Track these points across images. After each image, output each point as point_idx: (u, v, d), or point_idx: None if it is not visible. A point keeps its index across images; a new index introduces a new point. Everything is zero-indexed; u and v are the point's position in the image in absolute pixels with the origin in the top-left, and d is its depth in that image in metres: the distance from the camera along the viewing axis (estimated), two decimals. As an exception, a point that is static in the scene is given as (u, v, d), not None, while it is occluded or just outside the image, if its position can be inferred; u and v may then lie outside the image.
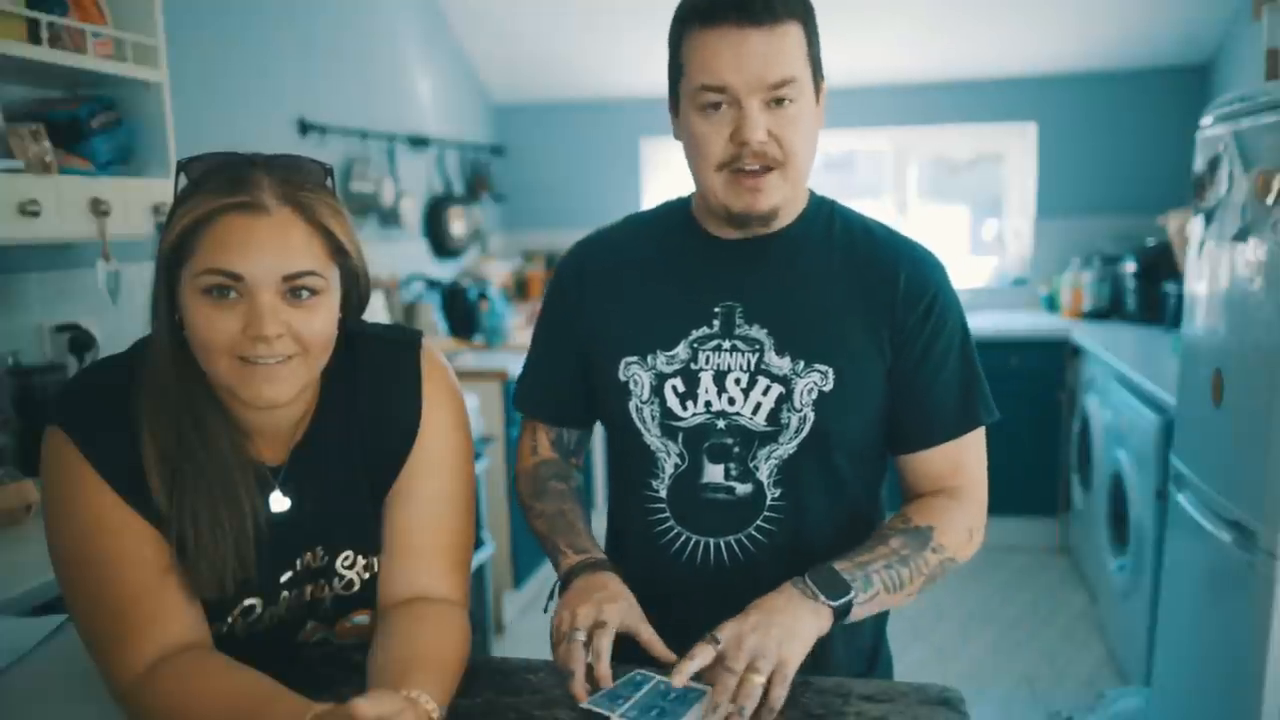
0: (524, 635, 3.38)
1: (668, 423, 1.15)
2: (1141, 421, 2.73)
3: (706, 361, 1.13)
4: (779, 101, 1.05)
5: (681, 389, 1.14)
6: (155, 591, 0.94)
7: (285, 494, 1.03)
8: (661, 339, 1.15)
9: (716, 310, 1.15)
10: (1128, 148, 4.30)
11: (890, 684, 1.04)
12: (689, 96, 1.08)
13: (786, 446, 1.12)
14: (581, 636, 0.98)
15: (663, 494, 1.17)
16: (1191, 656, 2.17)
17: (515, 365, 3.43)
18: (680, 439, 1.15)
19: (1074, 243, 4.40)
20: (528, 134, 4.87)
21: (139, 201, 1.96)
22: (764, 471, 1.13)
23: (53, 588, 1.39)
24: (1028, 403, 3.89)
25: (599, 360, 1.20)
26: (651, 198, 4.86)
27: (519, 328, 4.26)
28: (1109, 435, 3.15)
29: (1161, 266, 3.88)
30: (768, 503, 1.14)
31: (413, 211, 3.88)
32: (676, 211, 1.23)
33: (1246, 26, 3.61)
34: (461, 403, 1.13)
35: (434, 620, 1.02)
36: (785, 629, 0.96)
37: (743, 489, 1.14)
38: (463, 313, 3.86)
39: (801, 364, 1.12)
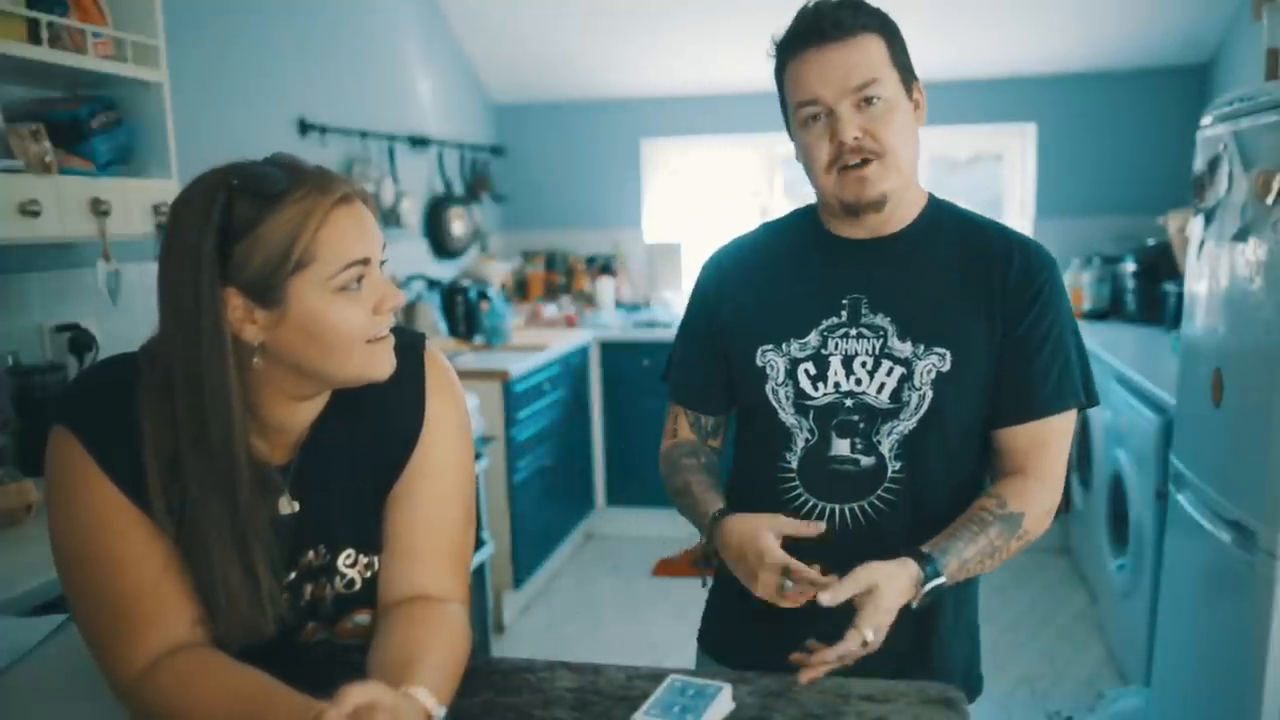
0: (524, 635, 3.37)
1: (801, 402, 1.27)
2: (1141, 421, 2.73)
3: (835, 347, 1.26)
4: (868, 101, 1.20)
5: (813, 372, 1.27)
6: (158, 590, 0.95)
7: (292, 495, 1.04)
8: (795, 328, 1.28)
9: (844, 302, 1.27)
10: (1127, 148, 4.29)
11: (890, 684, 1.04)
12: (794, 116, 1.25)
13: (907, 423, 1.24)
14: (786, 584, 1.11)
15: (794, 465, 1.28)
16: (1191, 656, 2.17)
17: (515, 365, 3.44)
18: (811, 416, 1.27)
19: (1074, 243, 4.40)
20: (528, 134, 4.87)
21: (139, 201, 1.96)
22: (886, 445, 1.25)
23: (53, 588, 1.39)
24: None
25: (737, 349, 1.33)
26: (652, 198, 4.86)
27: (519, 328, 4.26)
28: (1109, 435, 3.15)
29: (1161, 266, 3.87)
30: (889, 474, 1.25)
31: (413, 211, 3.88)
32: (804, 217, 1.37)
33: (1246, 26, 3.61)
34: (464, 404, 1.14)
35: (434, 620, 1.02)
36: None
37: (867, 461, 1.25)
38: (463, 313, 3.86)
39: (922, 347, 1.23)
